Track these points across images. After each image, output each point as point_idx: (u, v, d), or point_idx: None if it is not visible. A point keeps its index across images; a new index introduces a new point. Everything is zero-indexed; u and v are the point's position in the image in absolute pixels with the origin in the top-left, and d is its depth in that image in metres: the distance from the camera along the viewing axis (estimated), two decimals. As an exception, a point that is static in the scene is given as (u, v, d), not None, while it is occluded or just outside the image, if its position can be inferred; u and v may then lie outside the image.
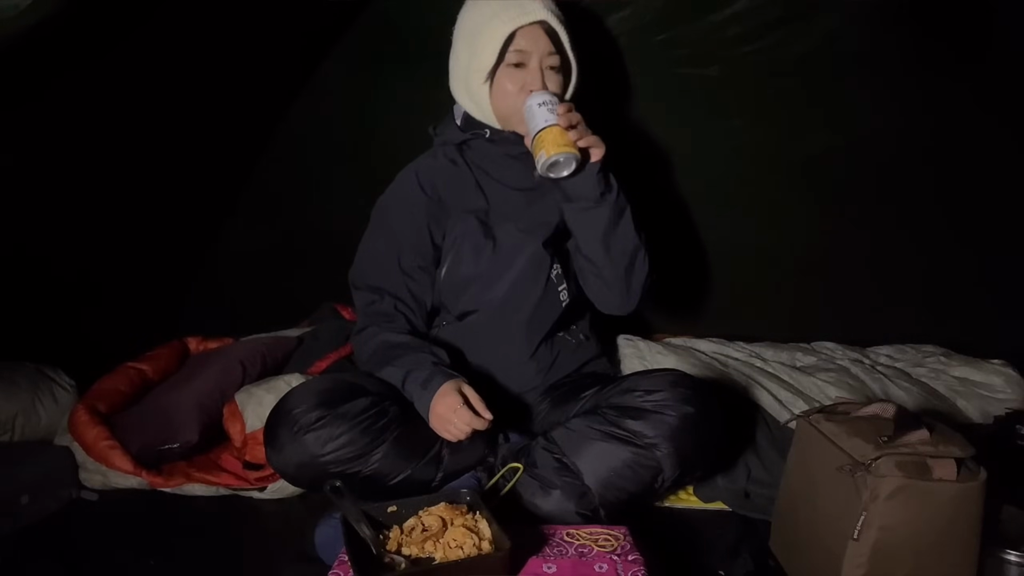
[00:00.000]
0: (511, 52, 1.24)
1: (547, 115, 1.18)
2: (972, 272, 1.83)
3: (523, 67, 1.25)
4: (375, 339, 1.29)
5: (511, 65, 1.25)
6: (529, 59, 1.25)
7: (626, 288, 1.31)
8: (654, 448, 1.12)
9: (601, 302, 1.37)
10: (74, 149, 1.40)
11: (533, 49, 1.24)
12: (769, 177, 1.78)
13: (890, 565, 0.93)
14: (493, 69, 1.25)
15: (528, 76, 1.24)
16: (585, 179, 1.22)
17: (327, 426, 1.12)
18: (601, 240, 1.26)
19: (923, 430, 0.96)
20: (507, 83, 1.25)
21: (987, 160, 1.70)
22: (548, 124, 1.17)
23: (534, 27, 1.24)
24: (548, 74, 1.26)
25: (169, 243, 1.86)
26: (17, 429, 1.47)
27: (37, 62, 1.11)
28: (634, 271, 1.30)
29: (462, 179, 1.35)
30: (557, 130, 1.17)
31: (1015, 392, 1.56)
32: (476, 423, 1.12)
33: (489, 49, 1.24)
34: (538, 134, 1.18)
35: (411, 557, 0.94)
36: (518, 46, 1.24)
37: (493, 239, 1.32)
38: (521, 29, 1.23)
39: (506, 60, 1.24)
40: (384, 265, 1.34)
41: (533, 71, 1.24)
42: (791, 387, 1.52)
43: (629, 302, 1.33)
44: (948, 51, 1.56)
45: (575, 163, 1.19)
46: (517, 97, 1.24)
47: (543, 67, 1.25)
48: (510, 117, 1.28)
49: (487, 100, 1.28)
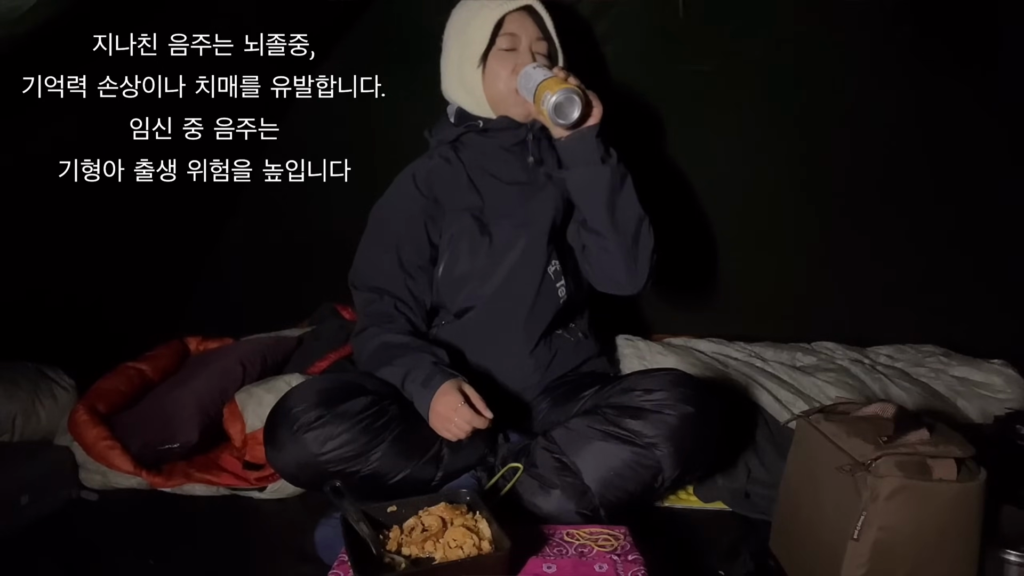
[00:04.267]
0: (501, 36, 1.30)
1: (544, 72, 1.22)
2: (972, 272, 1.83)
3: (514, 51, 1.31)
4: (375, 340, 1.29)
5: (502, 49, 1.31)
6: (519, 43, 1.31)
7: (634, 261, 1.30)
8: (654, 448, 1.12)
9: (609, 280, 1.35)
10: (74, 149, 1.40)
11: (522, 33, 1.31)
12: (769, 177, 1.78)
13: (890, 565, 0.93)
14: (485, 54, 1.30)
15: (519, 58, 1.30)
16: (585, 140, 1.23)
17: (327, 425, 1.12)
18: (606, 205, 1.25)
19: (923, 430, 0.96)
20: (498, 66, 1.31)
21: (987, 159, 1.70)
22: (546, 77, 1.20)
23: (521, 12, 1.31)
24: (538, 59, 1.31)
25: (169, 243, 1.86)
26: (17, 429, 1.47)
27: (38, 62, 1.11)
28: (640, 241, 1.29)
29: (456, 177, 1.37)
30: (556, 79, 1.19)
31: (1015, 392, 1.56)
32: (477, 422, 1.12)
33: (480, 35, 1.30)
34: (539, 86, 1.20)
35: (411, 557, 0.94)
36: (508, 30, 1.30)
37: (489, 235, 1.33)
38: (510, 14, 1.30)
39: (497, 44, 1.30)
40: (383, 266, 1.34)
41: (523, 53, 1.31)
42: (791, 387, 1.52)
43: (638, 277, 1.32)
44: (948, 50, 1.57)
45: (580, 102, 1.18)
46: (509, 79, 1.29)
47: (533, 51, 1.31)
48: (504, 99, 1.32)
49: (480, 87, 1.32)
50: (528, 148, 1.36)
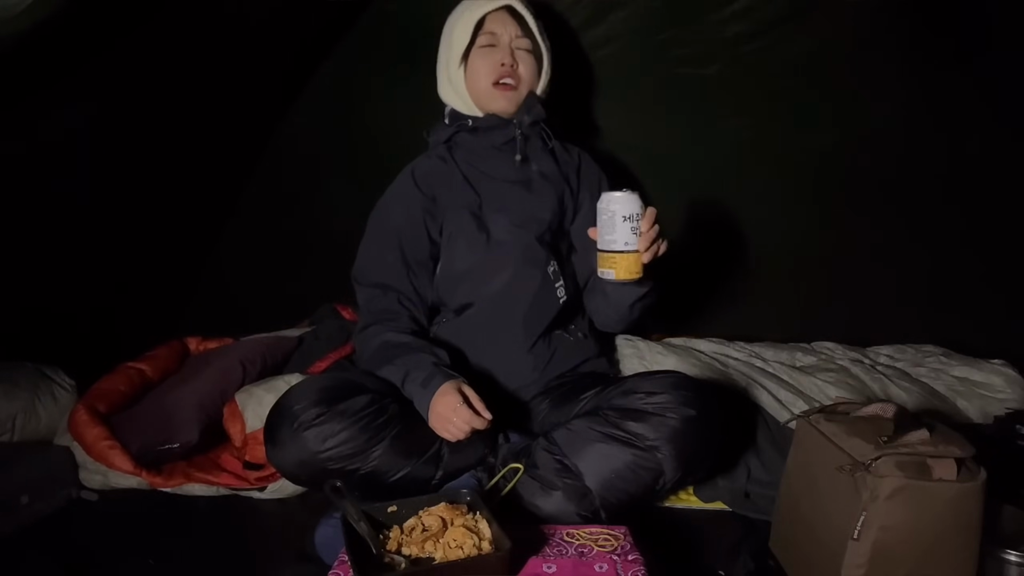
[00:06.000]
0: (482, 35, 1.36)
1: (628, 235, 1.12)
2: (972, 271, 1.83)
3: (494, 48, 1.36)
4: (377, 338, 1.30)
5: (483, 47, 1.36)
6: (499, 40, 1.36)
7: (628, 322, 1.38)
8: (655, 450, 1.12)
9: (600, 324, 1.45)
10: (74, 149, 1.40)
11: (502, 31, 1.36)
12: (769, 176, 1.78)
13: (890, 565, 0.93)
14: (466, 51, 1.36)
15: (498, 54, 1.35)
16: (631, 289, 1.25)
17: (327, 422, 1.13)
18: (627, 308, 1.32)
19: (923, 430, 0.96)
20: (479, 62, 1.36)
21: (988, 158, 1.70)
22: (628, 250, 1.12)
23: (502, 12, 1.37)
24: (520, 54, 1.37)
25: (170, 243, 1.86)
26: (17, 429, 1.47)
27: (38, 61, 1.11)
28: (638, 314, 1.35)
29: (452, 176, 1.40)
30: (634, 257, 1.13)
31: (1015, 392, 1.56)
32: (476, 422, 1.13)
33: (462, 35, 1.36)
34: (612, 253, 1.13)
35: (411, 557, 0.94)
36: (488, 29, 1.36)
37: (487, 232, 1.36)
38: (490, 14, 1.36)
39: (477, 43, 1.36)
40: (386, 261, 1.37)
41: (503, 49, 1.36)
42: (791, 387, 1.52)
43: (628, 327, 1.43)
44: (949, 47, 1.56)
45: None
46: (489, 74, 1.35)
47: (513, 47, 1.37)
48: (484, 94, 1.37)
49: (464, 85, 1.38)
50: (516, 146, 1.39)
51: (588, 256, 1.39)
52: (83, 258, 1.65)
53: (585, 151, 1.52)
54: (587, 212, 1.42)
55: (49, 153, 1.34)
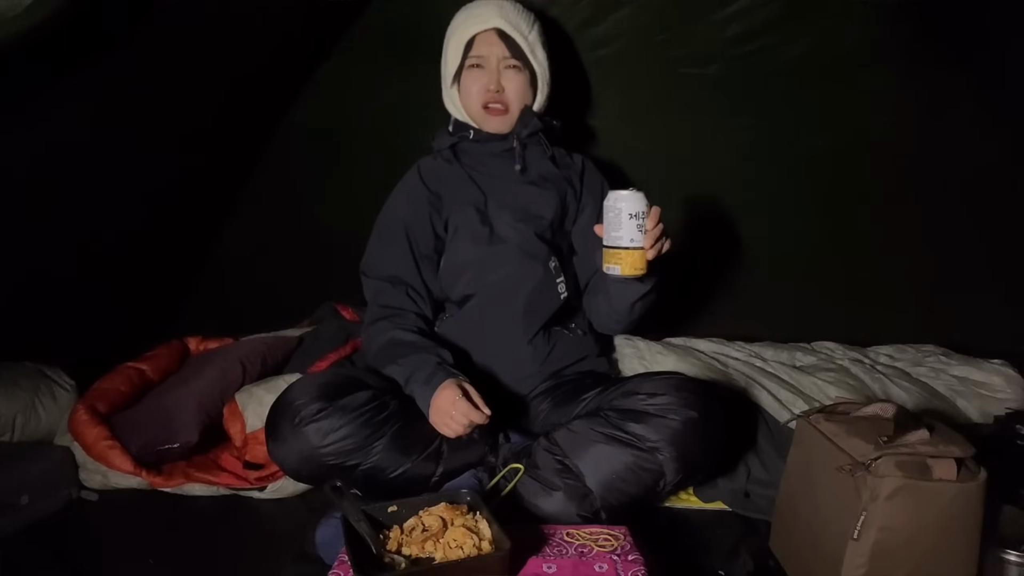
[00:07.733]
0: (471, 56, 1.38)
1: (634, 232, 1.13)
2: (972, 271, 1.83)
3: (482, 68, 1.38)
4: (384, 335, 1.32)
5: (471, 67, 1.38)
6: (487, 62, 1.38)
7: (627, 323, 1.38)
8: (656, 452, 1.12)
9: (599, 325, 1.46)
10: (74, 149, 1.40)
11: (490, 53, 1.37)
12: (769, 177, 1.78)
13: (890, 565, 0.93)
14: (458, 72, 1.39)
15: (486, 76, 1.37)
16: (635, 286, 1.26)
17: (328, 418, 1.14)
18: (629, 307, 1.31)
19: (923, 430, 0.96)
20: (469, 83, 1.39)
21: (988, 159, 1.70)
22: (634, 246, 1.14)
23: (490, 33, 1.37)
24: (506, 73, 1.38)
25: (170, 243, 1.86)
26: (17, 429, 1.47)
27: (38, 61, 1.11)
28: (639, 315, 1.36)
29: (458, 176, 1.43)
30: (639, 254, 1.14)
31: (1015, 392, 1.56)
32: (474, 416, 1.14)
33: (453, 56, 1.39)
34: (617, 249, 1.15)
35: (411, 557, 0.94)
36: (476, 51, 1.38)
37: (490, 226, 1.39)
38: (479, 35, 1.37)
39: (467, 63, 1.38)
40: (396, 254, 1.39)
41: (491, 71, 1.37)
42: (791, 387, 1.52)
43: (627, 328, 1.43)
44: (948, 49, 1.56)
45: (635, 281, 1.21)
46: (478, 95, 1.38)
47: (500, 68, 1.38)
48: (476, 115, 1.41)
49: (458, 101, 1.42)
50: (516, 156, 1.42)
51: (589, 259, 1.41)
52: (83, 258, 1.65)
53: (588, 158, 1.54)
54: (589, 216, 1.44)
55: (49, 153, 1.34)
